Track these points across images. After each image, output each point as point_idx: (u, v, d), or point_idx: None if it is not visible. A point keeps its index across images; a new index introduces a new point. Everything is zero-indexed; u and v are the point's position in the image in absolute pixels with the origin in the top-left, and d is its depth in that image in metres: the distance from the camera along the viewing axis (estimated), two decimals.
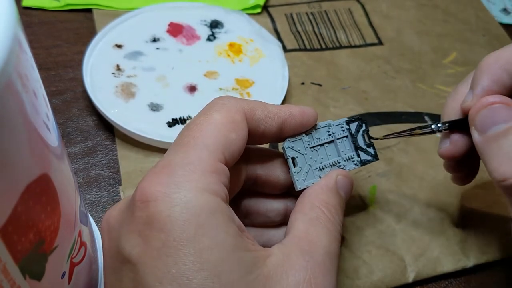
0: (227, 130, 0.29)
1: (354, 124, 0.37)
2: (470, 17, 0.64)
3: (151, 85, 0.49)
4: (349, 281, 0.40)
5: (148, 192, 0.26)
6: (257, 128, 0.31)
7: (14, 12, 0.20)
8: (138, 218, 0.26)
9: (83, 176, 0.45)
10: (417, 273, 0.41)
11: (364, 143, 0.37)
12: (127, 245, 0.26)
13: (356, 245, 0.42)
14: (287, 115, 0.33)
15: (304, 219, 0.31)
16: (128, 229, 0.27)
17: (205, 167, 0.27)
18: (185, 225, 0.25)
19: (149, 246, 0.25)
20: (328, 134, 0.36)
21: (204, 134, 0.29)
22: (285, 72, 0.52)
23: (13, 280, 0.22)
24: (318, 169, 0.35)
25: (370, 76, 0.55)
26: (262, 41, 0.55)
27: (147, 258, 0.25)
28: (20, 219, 0.21)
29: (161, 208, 0.26)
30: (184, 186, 0.26)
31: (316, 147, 0.35)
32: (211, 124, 0.29)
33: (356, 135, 0.37)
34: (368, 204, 0.44)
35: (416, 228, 0.43)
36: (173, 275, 0.25)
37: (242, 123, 0.30)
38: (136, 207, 0.26)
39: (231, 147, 0.29)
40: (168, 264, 0.25)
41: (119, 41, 0.52)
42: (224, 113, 0.30)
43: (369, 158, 0.37)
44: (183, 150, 0.28)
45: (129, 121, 0.46)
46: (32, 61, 0.22)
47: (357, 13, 0.62)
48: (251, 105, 0.31)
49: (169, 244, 0.25)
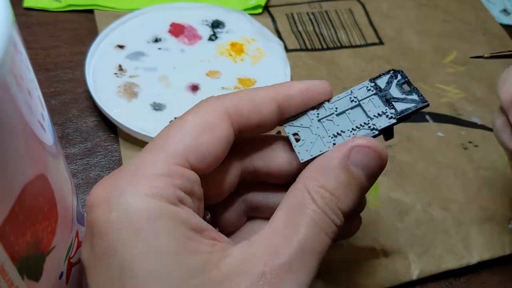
0: (198, 132, 0.28)
1: (384, 78, 0.30)
2: (470, 17, 0.64)
3: (154, 85, 0.50)
4: (354, 279, 0.40)
5: (92, 197, 0.26)
6: (249, 122, 0.29)
7: (9, 13, 0.20)
8: (88, 223, 0.26)
9: (82, 177, 0.45)
10: (421, 271, 0.41)
11: (402, 92, 0.29)
12: (82, 250, 0.27)
13: (359, 243, 0.42)
14: (282, 99, 0.30)
15: (285, 207, 0.27)
16: (85, 234, 0.27)
17: (155, 171, 0.26)
18: (120, 231, 0.25)
19: (93, 251, 0.25)
20: (351, 100, 0.30)
21: (170, 138, 0.28)
22: (287, 71, 0.52)
23: (11, 280, 0.22)
24: (332, 136, 0.29)
25: (371, 75, 0.55)
26: (263, 40, 0.55)
27: (92, 263, 0.26)
28: (17, 220, 0.21)
29: (100, 214, 0.25)
30: (126, 191, 0.25)
31: (330, 117, 0.30)
32: (181, 127, 0.28)
33: (387, 88, 0.29)
34: (370, 202, 0.44)
35: (418, 226, 0.43)
36: (109, 281, 0.25)
37: (220, 124, 0.28)
38: (87, 211, 0.26)
39: (200, 150, 0.27)
40: (107, 270, 0.25)
41: (121, 42, 0.53)
42: (199, 115, 0.28)
43: (412, 105, 0.28)
44: (140, 154, 0.27)
45: (132, 120, 0.46)
46: (27, 62, 0.22)
47: (357, 13, 0.62)
48: (236, 101, 0.29)
49: (106, 251, 0.25)
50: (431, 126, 0.51)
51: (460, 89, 0.55)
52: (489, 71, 0.57)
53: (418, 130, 0.50)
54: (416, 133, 0.50)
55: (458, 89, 0.55)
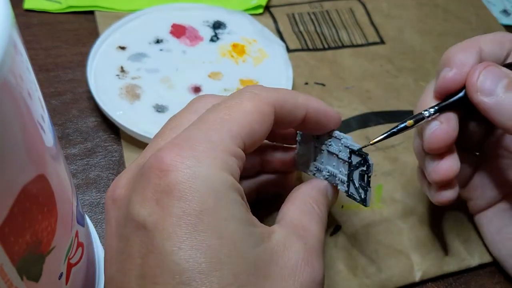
0: (254, 120, 0.30)
1: (357, 159, 0.35)
2: (470, 16, 0.64)
3: (156, 87, 0.49)
4: (357, 279, 0.40)
5: (168, 161, 0.27)
6: (284, 119, 0.33)
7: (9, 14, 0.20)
8: (155, 185, 0.27)
9: (82, 177, 0.45)
10: (424, 272, 0.41)
11: (359, 182, 0.35)
12: (143, 212, 0.27)
13: (363, 244, 0.42)
14: (313, 109, 0.34)
15: (297, 211, 0.33)
16: (143, 197, 0.27)
17: (225, 149, 0.28)
18: (205, 197, 0.26)
19: (168, 213, 0.26)
20: (337, 149, 0.36)
21: (231, 119, 0.30)
22: (289, 72, 0.52)
23: (10, 281, 0.22)
24: (316, 168, 0.37)
25: (373, 75, 0.55)
26: (265, 42, 0.55)
27: (166, 224, 0.26)
28: (16, 220, 0.21)
29: (182, 178, 0.26)
30: (205, 162, 0.27)
31: (322, 147, 0.37)
32: (240, 110, 0.30)
33: (354, 169, 0.35)
34: (374, 204, 0.44)
35: (421, 227, 0.43)
36: (193, 242, 0.26)
37: (269, 116, 0.31)
38: (153, 174, 0.27)
39: (253, 137, 0.30)
40: (188, 231, 0.26)
41: (122, 43, 0.52)
42: (255, 102, 0.31)
43: (356, 197, 0.35)
44: (207, 128, 0.29)
45: (135, 123, 0.46)
46: (27, 63, 0.22)
47: (358, 12, 0.62)
48: (282, 96, 0.32)
49: (189, 213, 0.26)
50: None
51: None
52: None
53: None
54: None
55: None
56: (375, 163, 0.47)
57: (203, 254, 0.26)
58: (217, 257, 0.26)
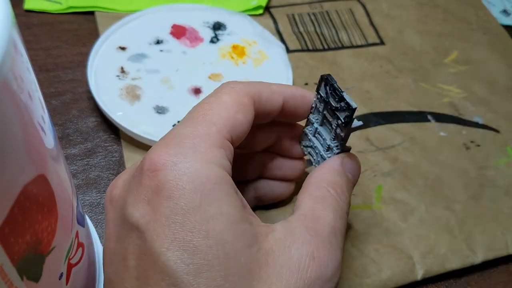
0: (235, 111, 0.30)
1: (323, 88, 0.34)
2: (470, 16, 0.64)
3: (156, 88, 0.49)
4: (358, 279, 0.40)
5: (157, 161, 0.27)
6: (263, 109, 0.33)
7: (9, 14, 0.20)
8: (146, 186, 0.27)
9: (82, 177, 0.45)
10: (426, 271, 0.41)
11: (336, 101, 0.33)
12: (135, 213, 0.27)
13: (364, 243, 0.42)
14: (289, 94, 0.34)
15: (310, 198, 0.32)
16: (136, 197, 0.27)
17: (213, 142, 0.28)
18: (191, 193, 0.26)
19: (158, 213, 0.26)
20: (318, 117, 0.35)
21: (213, 113, 0.30)
22: (289, 73, 0.52)
23: (10, 281, 0.22)
24: (326, 151, 0.36)
25: (372, 76, 0.55)
26: (265, 43, 0.55)
27: (156, 225, 0.26)
28: (17, 220, 0.21)
29: (169, 176, 0.26)
30: (192, 157, 0.27)
31: (315, 133, 0.36)
32: (220, 104, 0.30)
33: (327, 98, 0.33)
34: (374, 203, 0.44)
35: (422, 226, 0.43)
36: (180, 242, 0.26)
37: (249, 106, 0.31)
38: (145, 175, 0.27)
39: (237, 128, 0.30)
40: (176, 231, 0.26)
41: (122, 44, 0.53)
42: (233, 95, 0.31)
43: (345, 114, 0.32)
44: (192, 125, 0.29)
45: (135, 124, 0.46)
46: (28, 63, 0.22)
47: (358, 13, 0.62)
48: (257, 88, 0.33)
49: (176, 212, 0.26)
50: (433, 126, 0.51)
51: (461, 88, 0.55)
52: (490, 70, 0.57)
53: (420, 130, 0.50)
54: (418, 133, 0.50)
55: (460, 89, 0.55)
56: (375, 163, 0.47)
57: (191, 255, 0.25)
58: (205, 258, 0.26)
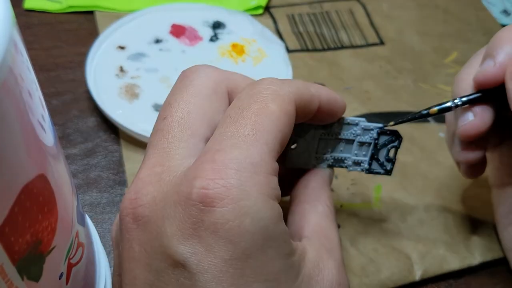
0: (283, 124, 0.27)
1: (385, 137, 0.35)
2: (470, 17, 0.64)
3: (155, 86, 0.49)
4: (357, 279, 0.40)
5: (212, 194, 0.24)
6: (301, 113, 0.30)
7: (9, 13, 0.20)
8: (197, 221, 0.24)
9: (82, 177, 0.45)
10: (424, 271, 0.41)
11: (385, 157, 0.35)
12: (182, 249, 0.24)
13: (362, 243, 0.42)
14: (325, 99, 0.31)
15: (315, 213, 0.31)
16: (182, 231, 0.24)
17: (268, 169, 0.26)
18: (254, 237, 0.24)
19: (214, 256, 0.24)
20: (352, 134, 0.34)
21: (263, 128, 0.26)
22: (289, 71, 0.52)
23: (11, 281, 0.22)
24: (318, 159, 0.34)
25: (372, 76, 0.55)
26: (264, 42, 0.55)
27: (212, 268, 0.24)
28: (17, 220, 0.21)
29: (230, 216, 0.24)
30: (252, 192, 0.24)
31: (327, 138, 0.34)
32: (269, 117, 0.27)
33: (380, 148, 0.35)
34: (373, 203, 0.44)
35: (421, 226, 0.43)
36: (239, 287, 0.24)
37: (294, 115, 0.28)
38: (195, 208, 0.24)
39: (283, 143, 0.28)
40: (235, 276, 0.24)
41: (122, 43, 0.53)
42: (279, 103, 0.27)
43: (380, 171, 0.35)
44: (243, 145, 0.25)
45: (134, 122, 0.46)
46: (28, 62, 0.22)
47: (358, 13, 0.62)
48: (299, 91, 0.29)
49: (237, 257, 0.24)
50: (432, 126, 0.51)
51: None
52: None
53: (420, 131, 0.50)
54: (418, 134, 0.50)
55: None
56: None
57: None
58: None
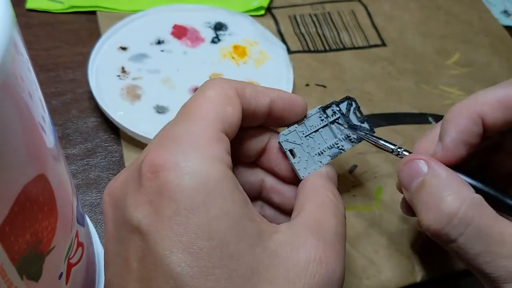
0: (223, 104, 0.30)
1: (344, 104, 0.37)
2: (472, 18, 0.64)
3: (157, 87, 0.49)
4: (358, 280, 0.40)
5: (156, 161, 0.27)
6: (248, 106, 0.32)
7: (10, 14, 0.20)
8: (147, 188, 0.26)
9: (82, 177, 0.45)
10: (425, 273, 0.41)
11: (358, 120, 0.37)
12: (137, 215, 0.26)
13: (363, 245, 0.42)
14: (275, 96, 0.33)
15: (311, 204, 0.32)
16: (137, 199, 0.27)
17: (209, 136, 0.28)
18: (194, 193, 0.26)
19: (160, 215, 0.26)
20: (321, 120, 0.36)
21: (202, 108, 0.29)
22: (290, 74, 0.52)
23: (10, 281, 0.22)
24: (317, 155, 0.36)
25: (374, 77, 0.55)
26: (266, 43, 0.55)
27: (158, 227, 0.26)
28: (17, 220, 0.21)
29: (171, 177, 0.26)
30: (192, 155, 0.27)
31: (311, 135, 0.36)
32: (207, 99, 0.30)
33: (348, 114, 0.37)
34: (374, 204, 0.44)
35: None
36: (184, 244, 0.25)
37: (235, 98, 0.31)
38: (145, 177, 0.27)
39: (229, 119, 0.30)
40: (179, 233, 0.25)
41: (123, 44, 0.53)
42: (217, 89, 0.31)
43: (365, 133, 0.37)
44: (184, 122, 0.29)
45: (136, 123, 0.46)
46: (28, 63, 0.22)
47: (360, 14, 0.62)
48: (241, 83, 0.32)
49: (179, 213, 0.26)
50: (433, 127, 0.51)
51: (463, 90, 0.55)
52: (492, 72, 0.57)
53: (421, 132, 0.50)
54: (419, 135, 0.50)
55: (461, 91, 0.55)
56: (375, 164, 0.47)
57: (194, 258, 0.25)
58: (209, 260, 0.25)
